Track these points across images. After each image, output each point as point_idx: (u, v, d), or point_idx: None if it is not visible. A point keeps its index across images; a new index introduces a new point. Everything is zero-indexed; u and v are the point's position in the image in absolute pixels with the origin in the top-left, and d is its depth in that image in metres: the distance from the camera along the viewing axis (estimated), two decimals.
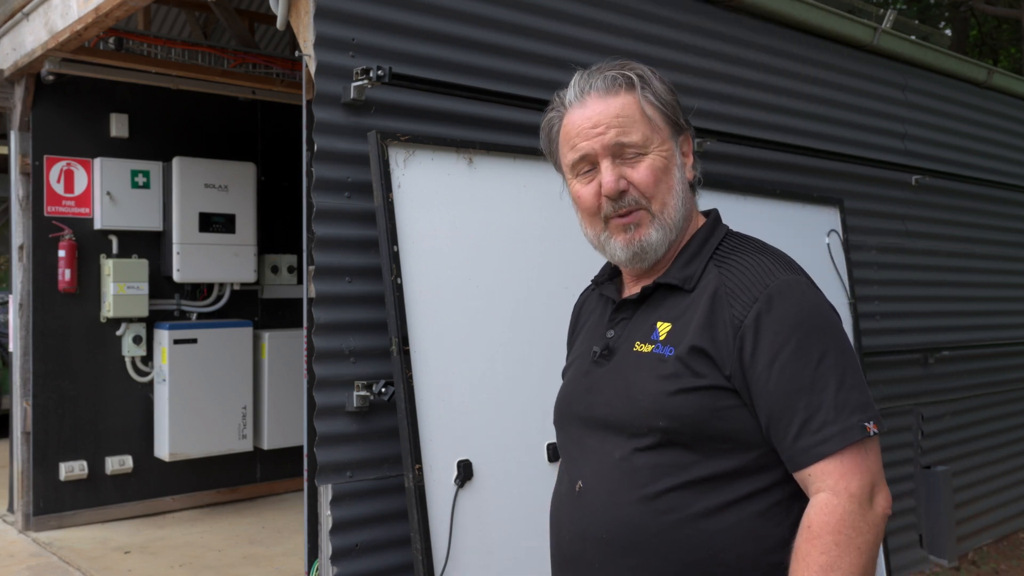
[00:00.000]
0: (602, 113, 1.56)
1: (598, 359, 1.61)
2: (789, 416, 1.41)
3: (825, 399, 1.40)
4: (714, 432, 1.45)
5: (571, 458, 1.63)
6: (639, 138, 1.55)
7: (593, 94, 1.58)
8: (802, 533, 1.39)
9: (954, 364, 5.64)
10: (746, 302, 1.46)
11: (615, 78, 1.58)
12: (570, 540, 1.56)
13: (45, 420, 5.51)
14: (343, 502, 2.94)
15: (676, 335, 1.51)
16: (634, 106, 1.56)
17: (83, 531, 5.50)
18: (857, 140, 5.08)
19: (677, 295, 1.56)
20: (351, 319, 3.00)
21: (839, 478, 1.38)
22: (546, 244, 3.34)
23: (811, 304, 1.47)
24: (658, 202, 1.57)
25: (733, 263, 1.54)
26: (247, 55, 6.03)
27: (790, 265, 1.53)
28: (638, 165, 1.55)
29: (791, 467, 1.44)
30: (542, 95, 3.53)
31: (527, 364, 3.18)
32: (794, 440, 1.41)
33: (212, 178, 5.93)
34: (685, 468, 1.45)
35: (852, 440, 1.39)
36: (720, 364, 1.45)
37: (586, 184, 1.60)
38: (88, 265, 5.67)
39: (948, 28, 16.60)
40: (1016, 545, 6.01)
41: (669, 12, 4.16)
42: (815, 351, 1.42)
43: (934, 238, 5.60)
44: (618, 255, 1.61)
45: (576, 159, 1.59)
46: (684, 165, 1.62)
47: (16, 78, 5.50)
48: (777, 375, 1.42)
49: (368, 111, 3.08)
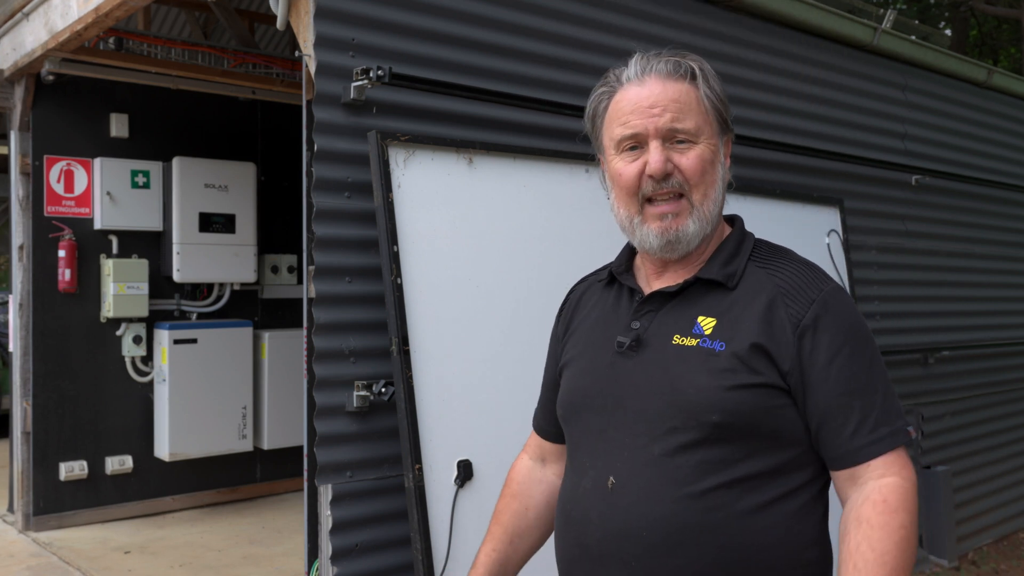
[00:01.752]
0: (661, 95, 1.56)
1: (626, 351, 1.57)
2: (846, 414, 1.47)
3: (877, 401, 1.48)
4: (763, 429, 1.48)
5: (592, 452, 1.58)
6: (692, 126, 1.56)
7: (655, 75, 1.57)
8: (876, 505, 1.44)
9: (954, 364, 5.64)
10: (803, 303, 1.50)
11: (679, 64, 1.58)
12: (602, 536, 1.52)
13: (45, 420, 5.51)
14: (343, 502, 2.94)
15: (723, 330, 1.51)
16: (693, 95, 1.57)
17: (83, 531, 5.50)
18: (857, 140, 5.08)
19: (717, 292, 1.56)
20: (351, 319, 3.00)
21: (901, 468, 1.47)
22: (546, 244, 3.34)
23: (858, 313, 1.56)
24: (700, 192, 1.57)
25: (780, 266, 1.57)
26: (247, 55, 6.03)
27: (828, 275, 1.60)
28: (687, 152, 1.56)
29: (842, 463, 1.48)
30: (542, 95, 3.54)
31: (527, 364, 3.17)
32: (850, 438, 1.47)
33: (212, 178, 5.93)
34: (731, 465, 1.47)
35: (902, 442, 1.49)
36: (779, 361, 1.48)
37: (630, 163, 1.58)
38: (88, 265, 5.67)
39: (948, 28, 16.61)
40: (1016, 545, 6.01)
41: (669, 12, 4.16)
42: (867, 356, 1.51)
43: (934, 238, 5.60)
44: (651, 241, 1.58)
45: (625, 135, 1.58)
46: (724, 164, 1.64)
47: (16, 78, 5.50)
48: (836, 374, 1.47)
49: (368, 111, 3.08)
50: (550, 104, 3.48)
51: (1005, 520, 6.10)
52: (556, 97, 3.55)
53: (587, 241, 3.40)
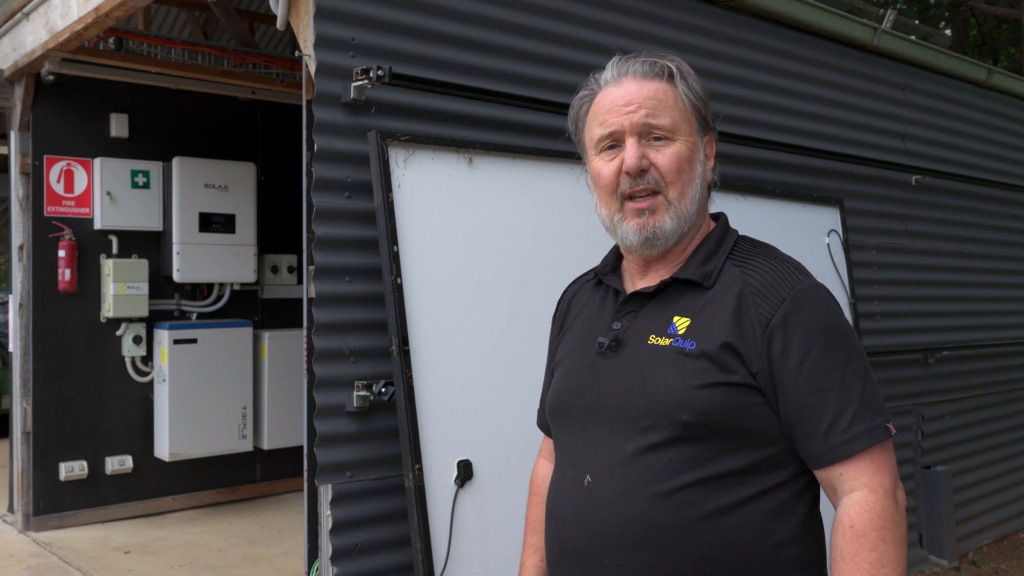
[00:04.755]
0: (636, 93, 1.57)
1: (605, 351, 1.60)
2: (819, 414, 1.45)
3: (852, 399, 1.46)
4: (735, 428, 1.47)
5: (574, 451, 1.61)
6: (668, 123, 1.57)
7: (631, 76, 1.59)
8: (844, 533, 1.42)
9: (954, 364, 5.64)
10: (773, 302, 1.50)
11: (654, 64, 1.59)
12: (577, 534, 1.55)
13: (45, 420, 5.51)
14: (343, 502, 2.94)
15: (697, 330, 1.52)
16: (669, 93, 1.58)
17: (83, 531, 5.50)
18: (857, 140, 5.08)
19: (694, 291, 1.57)
20: (351, 319, 3.00)
21: (872, 475, 1.44)
22: (546, 243, 3.34)
23: (834, 309, 1.53)
24: (676, 190, 1.57)
25: (754, 264, 1.57)
26: (247, 55, 6.03)
27: (806, 272, 1.58)
28: (663, 149, 1.57)
29: (817, 463, 1.47)
30: (542, 95, 3.54)
31: (527, 364, 3.17)
32: (824, 436, 1.45)
33: (212, 178, 5.93)
34: (701, 464, 1.47)
35: (880, 439, 1.45)
36: (748, 361, 1.47)
37: (608, 161, 1.60)
38: (88, 265, 5.67)
39: (948, 28, 16.61)
40: (1016, 545, 6.01)
41: (669, 12, 4.16)
42: (841, 354, 1.48)
43: (934, 238, 5.60)
44: (630, 238, 1.60)
45: (603, 134, 1.60)
46: (705, 163, 1.63)
47: (16, 78, 5.50)
48: (808, 373, 1.45)
49: (368, 111, 3.08)
50: (550, 104, 3.48)
51: (1005, 520, 6.10)
52: (556, 97, 3.55)
53: (587, 241, 3.40)
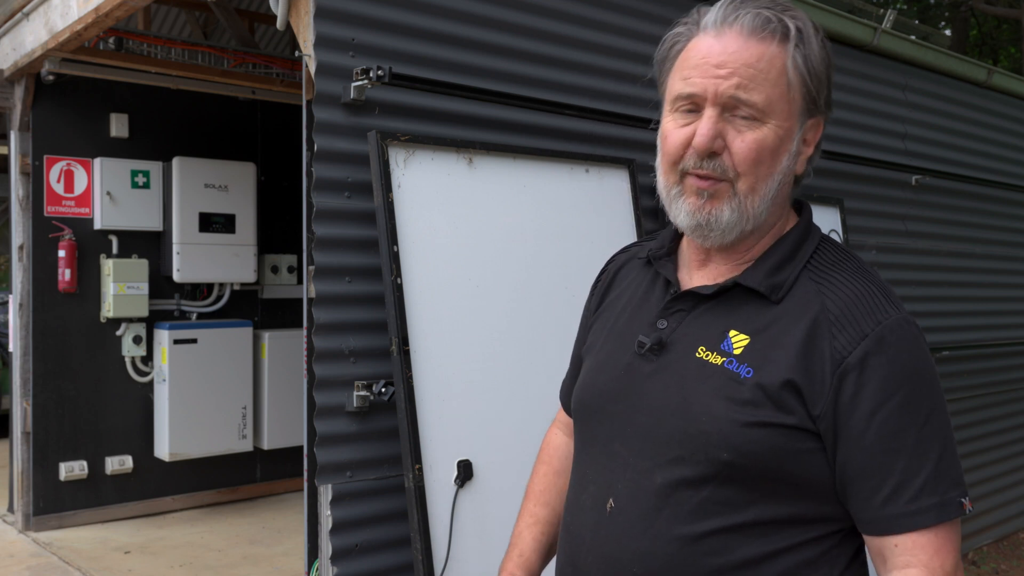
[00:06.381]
0: (734, 54, 1.28)
1: (646, 353, 1.38)
2: (882, 476, 1.25)
3: (925, 466, 1.25)
4: (782, 475, 1.27)
5: (595, 464, 1.43)
6: (761, 100, 1.29)
7: (736, 28, 1.29)
8: None
9: (954, 364, 5.64)
10: (853, 336, 1.26)
11: (769, 21, 1.29)
12: (592, 560, 1.39)
13: (45, 420, 5.51)
14: (343, 502, 2.94)
15: (756, 354, 1.29)
16: (776, 62, 1.30)
17: (83, 531, 5.50)
18: (857, 140, 5.08)
19: (758, 302, 1.33)
20: (351, 319, 3.00)
21: (933, 554, 1.24)
22: (546, 244, 3.34)
23: (923, 354, 1.29)
24: (747, 183, 1.30)
25: (836, 283, 1.31)
26: (247, 55, 6.03)
27: (897, 300, 1.33)
28: (746, 132, 1.29)
29: (870, 530, 1.27)
30: (542, 95, 3.54)
31: (527, 364, 3.18)
32: (883, 504, 1.25)
33: (212, 178, 5.93)
34: (737, 509, 1.28)
35: (950, 517, 1.24)
36: (810, 402, 1.25)
37: (680, 126, 1.33)
38: (88, 265, 5.67)
39: (948, 28, 16.62)
40: (1016, 545, 6.01)
41: (669, 12, 4.15)
42: (923, 410, 1.26)
43: (934, 238, 5.60)
44: (681, 219, 1.35)
45: (682, 93, 1.32)
46: (798, 154, 1.36)
47: (16, 78, 5.50)
48: (878, 428, 1.24)
49: (368, 111, 3.08)
50: (550, 104, 3.48)
51: (1005, 520, 6.10)
52: (556, 97, 3.55)
53: (587, 241, 3.41)
